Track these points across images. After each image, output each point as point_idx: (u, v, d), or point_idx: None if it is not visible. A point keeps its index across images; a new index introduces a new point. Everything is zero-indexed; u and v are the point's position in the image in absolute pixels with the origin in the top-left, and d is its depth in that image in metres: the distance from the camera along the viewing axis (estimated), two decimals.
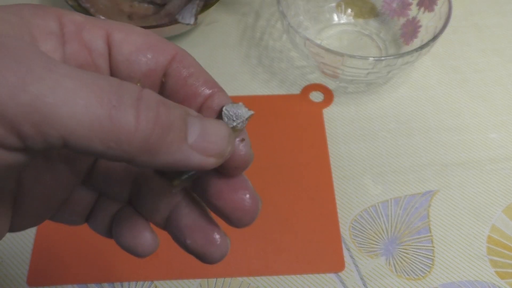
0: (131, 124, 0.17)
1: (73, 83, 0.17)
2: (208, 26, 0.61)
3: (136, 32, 0.22)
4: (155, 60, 0.22)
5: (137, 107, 0.18)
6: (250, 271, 0.44)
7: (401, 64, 0.50)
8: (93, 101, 0.17)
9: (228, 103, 0.22)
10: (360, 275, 0.44)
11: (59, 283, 0.43)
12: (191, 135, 0.19)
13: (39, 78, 0.16)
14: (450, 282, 0.44)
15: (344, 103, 0.55)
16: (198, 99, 0.22)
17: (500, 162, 0.51)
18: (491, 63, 0.58)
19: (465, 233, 0.46)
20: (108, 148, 0.17)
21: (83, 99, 0.17)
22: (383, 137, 0.52)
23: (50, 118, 0.16)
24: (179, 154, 0.18)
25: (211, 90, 0.22)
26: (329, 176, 0.49)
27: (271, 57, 0.59)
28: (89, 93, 0.17)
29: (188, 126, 0.19)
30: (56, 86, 0.16)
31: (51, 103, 0.16)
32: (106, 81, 0.18)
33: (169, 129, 0.18)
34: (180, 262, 0.45)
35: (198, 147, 0.19)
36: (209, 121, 0.20)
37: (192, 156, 0.19)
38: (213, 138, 0.19)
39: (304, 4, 0.59)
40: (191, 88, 0.22)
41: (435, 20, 0.54)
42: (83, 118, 0.16)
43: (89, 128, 0.17)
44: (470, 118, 0.54)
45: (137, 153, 0.18)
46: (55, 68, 0.17)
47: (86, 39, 0.21)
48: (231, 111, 0.21)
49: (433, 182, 0.49)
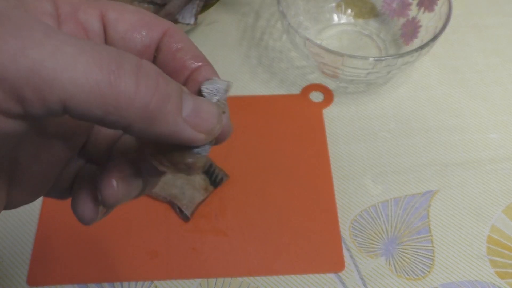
0: (131, 90, 0.18)
1: (72, 49, 0.17)
2: (208, 26, 0.61)
3: (130, 11, 0.23)
4: (150, 36, 0.22)
5: (137, 74, 0.18)
6: (250, 271, 0.44)
7: (401, 64, 0.50)
8: (93, 66, 0.17)
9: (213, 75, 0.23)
10: (360, 275, 0.44)
11: (59, 283, 0.43)
12: (185, 109, 0.19)
13: (39, 44, 0.17)
14: (450, 282, 0.44)
15: (344, 103, 0.55)
16: (185, 72, 0.23)
17: (500, 162, 0.51)
18: (491, 63, 0.58)
19: (465, 233, 0.46)
20: (107, 113, 0.17)
21: (83, 64, 0.17)
22: (383, 137, 0.52)
23: (50, 82, 0.16)
24: (174, 125, 0.19)
25: (198, 63, 0.23)
26: (329, 176, 0.49)
27: (271, 57, 0.59)
28: (88, 59, 0.17)
29: (183, 101, 0.19)
30: (56, 51, 0.17)
31: (51, 68, 0.16)
32: (105, 49, 0.18)
33: (167, 100, 0.19)
34: (180, 262, 0.45)
35: (191, 121, 0.20)
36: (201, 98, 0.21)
37: (185, 130, 0.19)
38: (204, 114, 0.20)
39: (304, 4, 0.59)
40: (179, 62, 0.23)
41: (435, 20, 0.54)
42: (82, 83, 0.17)
43: (88, 93, 0.17)
44: (470, 118, 0.54)
45: (135, 120, 0.18)
46: (55, 35, 0.17)
47: (81, 20, 0.22)
48: (210, 87, 0.22)
49: (433, 182, 0.49)
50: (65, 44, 0.17)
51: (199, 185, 0.47)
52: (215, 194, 0.48)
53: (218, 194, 0.48)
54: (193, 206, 0.46)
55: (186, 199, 0.46)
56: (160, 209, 0.47)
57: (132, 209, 0.47)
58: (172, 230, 0.46)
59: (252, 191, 0.48)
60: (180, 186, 0.47)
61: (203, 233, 0.46)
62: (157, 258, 0.45)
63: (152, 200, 0.47)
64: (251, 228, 0.46)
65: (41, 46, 0.17)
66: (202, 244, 0.45)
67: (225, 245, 0.45)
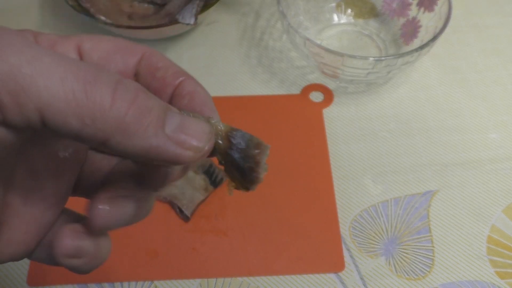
0: (106, 101, 0.17)
1: (51, 59, 0.17)
2: (208, 26, 0.61)
3: (105, 40, 0.23)
4: (125, 62, 0.23)
5: (114, 87, 0.18)
6: (250, 271, 0.44)
7: (401, 64, 0.50)
8: (69, 75, 0.17)
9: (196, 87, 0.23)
10: (360, 275, 0.44)
11: (59, 283, 0.43)
12: (170, 125, 0.19)
13: (18, 51, 0.17)
14: (450, 282, 0.44)
15: (344, 103, 0.55)
16: (169, 90, 0.23)
17: (500, 162, 0.51)
18: (491, 63, 0.58)
19: (465, 233, 0.46)
20: (84, 125, 0.17)
21: (59, 73, 0.17)
22: (383, 137, 0.52)
23: (26, 88, 0.17)
24: (155, 140, 0.18)
25: (180, 79, 0.23)
26: (329, 176, 0.49)
27: (271, 57, 0.59)
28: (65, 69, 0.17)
29: (167, 116, 0.19)
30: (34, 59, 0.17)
31: (27, 74, 0.17)
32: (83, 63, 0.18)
33: (147, 113, 0.18)
34: (180, 262, 0.45)
35: (176, 137, 0.19)
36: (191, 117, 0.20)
37: (168, 146, 0.19)
38: (192, 131, 0.19)
39: (304, 4, 0.59)
40: (160, 81, 0.23)
41: (435, 20, 0.54)
42: (58, 91, 0.17)
43: (64, 102, 0.17)
44: (470, 118, 0.54)
45: (112, 133, 0.18)
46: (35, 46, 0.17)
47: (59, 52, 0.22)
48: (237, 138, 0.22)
49: (433, 182, 0.49)
50: (44, 55, 0.17)
51: (199, 185, 0.47)
52: (215, 194, 0.48)
53: (218, 194, 0.48)
54: (193, 206, 0.46)
55: (186, 199, 0.46)
56: (160, 209, 0.47)
57: None
58: (172, 230, 0.46)
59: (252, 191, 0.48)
60: (180, 186, 0.47)
61: (203, 233, 0.46)
62: (157, 258, 0.45)
63: None
64: (251, 228, 0.46)
65: (20, 53, 0.17)
66: (202, 244, 0.45)
67: (225, 245, 0.45)
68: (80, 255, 0.22)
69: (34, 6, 0.62)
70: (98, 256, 0.23)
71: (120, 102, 0.18)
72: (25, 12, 0.62)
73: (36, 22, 0.61)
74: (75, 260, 0.22)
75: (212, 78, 0.56)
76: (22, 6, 0.62)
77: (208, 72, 0.57)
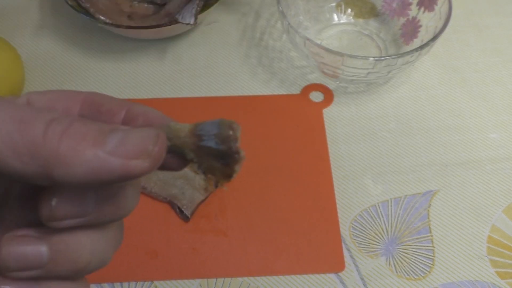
0: (39, 136, 0.18)
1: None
2: (208, 26, 0.61)
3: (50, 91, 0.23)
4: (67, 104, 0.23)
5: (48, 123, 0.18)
6: (250, 271, 0.44)
7: (401, 64, 0.50)
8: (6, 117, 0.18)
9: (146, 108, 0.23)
10: (360, 275, 0.44)
11: None
12: (110, 143, 0.19)
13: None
14: (450, 282, 0.44)
15: (344, 103, 0.55)
16: (117, 118, 0.23)
17: (500, 162, 0.51)
18: (491, 63, 0.58)
19: (465, 233, 0.46)
20: (24, 163, 0.18)
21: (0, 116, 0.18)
22: (383, 137, 0.52)
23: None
24: (96, 161, 0.18)
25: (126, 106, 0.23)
26: (329, 176, 0.49)
27: (271, 57, 0.59)
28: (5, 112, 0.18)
29: (107, 136, 0.19)
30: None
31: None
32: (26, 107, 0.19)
33: (81, 139, 0.18)
34: (180, 262, 0.45)
35: (118, 151, 0.19)
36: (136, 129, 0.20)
37: (111, 162, 0.18)
38: (132, 140, 0.19)
39: (304, 4, 0.59)
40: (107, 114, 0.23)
41: (435, 20, 0.53)
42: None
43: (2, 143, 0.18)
44: (470, 118, 0.54)
45: (52, 166, 0.18)
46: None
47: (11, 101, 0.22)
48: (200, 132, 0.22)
49: (433, 182, 0.49)
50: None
51: (199, 185, 0.47)
52: (215, 194, 0.48)
53: (218, 194, 0.48)
54: (193, 206, 0.46)
55: (186, 199, 0.46)
56: (160, 209, 0.47)
57: None
58: (172, 230, 0.46)
59: (252, 191, 0.48)
60: (180, 186, 0.47)
61: (203, 233, 0.46)
62: (157, 258, 0.45)
63: (152, 200, 0.47)
64: (251, 228, 0.46)
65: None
66: (202, 244, 0.45)
67: (225, 245, 0.45)
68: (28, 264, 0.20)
69: (34, 6, 0.62)
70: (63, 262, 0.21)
71: (51, 134, 0.18)
72: (25, 12, 0.62)
73: (35, 22, 0.61)
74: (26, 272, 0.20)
75: (212, 78, 0.56)
76: (21, 6, 0.62)
77: (208, 72, 0.57)
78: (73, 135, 0.18)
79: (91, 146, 0.18)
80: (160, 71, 0.57)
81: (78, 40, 0.59)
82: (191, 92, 0.55)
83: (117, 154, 0.18)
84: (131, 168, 0.19)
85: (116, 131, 0.19)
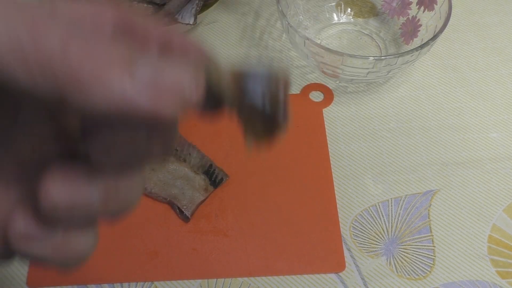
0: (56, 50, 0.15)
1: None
2: (207, 26, 0.61)
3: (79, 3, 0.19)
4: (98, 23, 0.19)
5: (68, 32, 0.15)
6: (250, 271, 0.44)
7: (401, 64, 0.50)
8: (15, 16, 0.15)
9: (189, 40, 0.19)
10: (361, 275, 0.44)
11: (58, 284, 0.43)
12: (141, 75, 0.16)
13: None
14: (451, 281, 0.44)
15: (344, 103, 0.55)
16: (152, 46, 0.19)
17: (500, 161, 0.50)
18: (491, 62, 0.58)
19: (465, 232, 0.46)
20: (32, 76, 0.15)
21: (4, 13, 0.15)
22: (384, 137, 0.52)
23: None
24: (121, 94, 0.15)
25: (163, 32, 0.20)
26: (330, 176, 0.49)
27: (270, 57, 0.59)
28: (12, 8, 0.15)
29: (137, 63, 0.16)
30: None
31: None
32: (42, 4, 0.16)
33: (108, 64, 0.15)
34: (180, 262, 0.44)
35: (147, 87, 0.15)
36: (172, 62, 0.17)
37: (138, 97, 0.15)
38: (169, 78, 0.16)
39: (303, 4, 0.59)
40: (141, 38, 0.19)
41: (435, 19, 0.53)
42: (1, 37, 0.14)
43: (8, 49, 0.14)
44: (471, 117, 0.54)
45: (68, 87, 0.15)
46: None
47: None
48: None
49: (433, 181, 0.49)
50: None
51: (199, 185, 0.47)
52: (215, 194, 0.48)
53: (218, 194, 0.48)
54: (193, 206, 0.46)
55: (186, 199, 0.46)
56: (160, 209, 0.47)
57: None
58: (172, 230, 0.46)
59: (252, 191, 0.48)
60: (180, 187, 0.47)
61: (203, 234, 0.46)
62: (157, 258, 0.45)
63: (152, 201, 0.47)
64: (251, 228, 0.46)
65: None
66: (202, 244, 0.45)
67: (226, 246, 0.45)
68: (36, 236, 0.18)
69: None
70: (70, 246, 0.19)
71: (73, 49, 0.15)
72: None
73: None
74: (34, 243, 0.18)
75: None
76: None
77: None
78: (99, 56, 0.15)
79: (118, 74, 0.15)
80: None
81: None
82: None
83: (146, 92, 0.15)
84: (159, 112, 0.16)
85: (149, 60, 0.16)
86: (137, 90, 0.15)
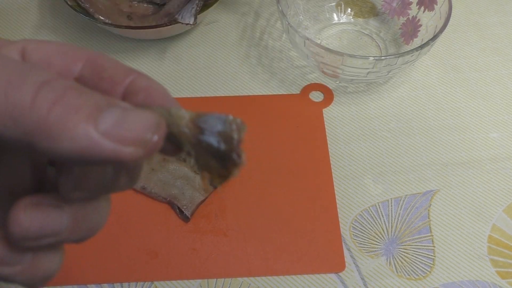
0: (26, 101, 0.16)
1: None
2: (207, 26, 0.61)
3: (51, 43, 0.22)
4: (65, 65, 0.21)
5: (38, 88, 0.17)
6: (250, 271, 0.44)
7: (401, 64, 0.50)
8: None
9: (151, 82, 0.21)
10: (361, 275, 0.44)
11: (58, 284, 0.43)
12: (105, 122, 0.17)
13: None
14: (450, 282, 0.44)
15: (344, 103, 0.55)
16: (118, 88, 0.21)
17: (500, 162, 0.50)
18: (491, 62, 0.58)
19: (465, 232, 0.46)
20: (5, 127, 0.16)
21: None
22: (384, 137, 0.52)
23: None
24: (86, 140, 0.17)
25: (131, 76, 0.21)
26: (330, 176, 0.49)
27: (270, 57, 0.59)
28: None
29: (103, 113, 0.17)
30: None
31: None
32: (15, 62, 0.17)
33: (74, 111, 0.17)
34: (180, 262, 0.44)
35: (112, 134, 0.17)
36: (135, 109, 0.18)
37: (102, 143, 0.17)
38: (130, 124, 0.17)
39: (303, 4, 0.59)
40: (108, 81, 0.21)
41: (435, 19, 0.53)
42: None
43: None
44: (471, 117, 0.54)
45: (36, 134, 0.16)
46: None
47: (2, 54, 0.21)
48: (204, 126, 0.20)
49: (433, 181, 0.49)
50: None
51: (199, 185, 0.47)
52: (215, 194, 0.48)
53: (218, 194, 0.48)
54: (193, 206, 0.46)
55: (186, 199, 0.46)
56: (160, 209, 0.47)
57: (132, 210, 0.47)
58: (172, 230, 0.46)
59: (252, 191, 0.48)
60: (180, 187, 0.47)
61: (203, 234, 0.46)
62: (157, 258, 0.45)
63: (152, 201, 0.47)
64: (251, 228, 0.46)
65: None
66: (202, 244, 0.45)
67: (225, 246, 0.45)
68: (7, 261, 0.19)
69: (33, 6, 0.62)
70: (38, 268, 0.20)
71: (40, 101, 0.16)
72: (24, 12, 0.62)
73: (34, 22, 0.61)
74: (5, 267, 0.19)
75: (211, 78, 0.56)
76: (21, 6, 0.62)
77: (207, 72, 0.57)
78: (66, 106, 0.17)
79: (83, 122, 0.17)
80: (159, 71, 0.57)
81: (77, 40, 0.59)
82: (190, 92, 0.55)
83: (110, 137, 0.17)
84: (123, 155, 0.17)
85: (113, 108, 0.17)
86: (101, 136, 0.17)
